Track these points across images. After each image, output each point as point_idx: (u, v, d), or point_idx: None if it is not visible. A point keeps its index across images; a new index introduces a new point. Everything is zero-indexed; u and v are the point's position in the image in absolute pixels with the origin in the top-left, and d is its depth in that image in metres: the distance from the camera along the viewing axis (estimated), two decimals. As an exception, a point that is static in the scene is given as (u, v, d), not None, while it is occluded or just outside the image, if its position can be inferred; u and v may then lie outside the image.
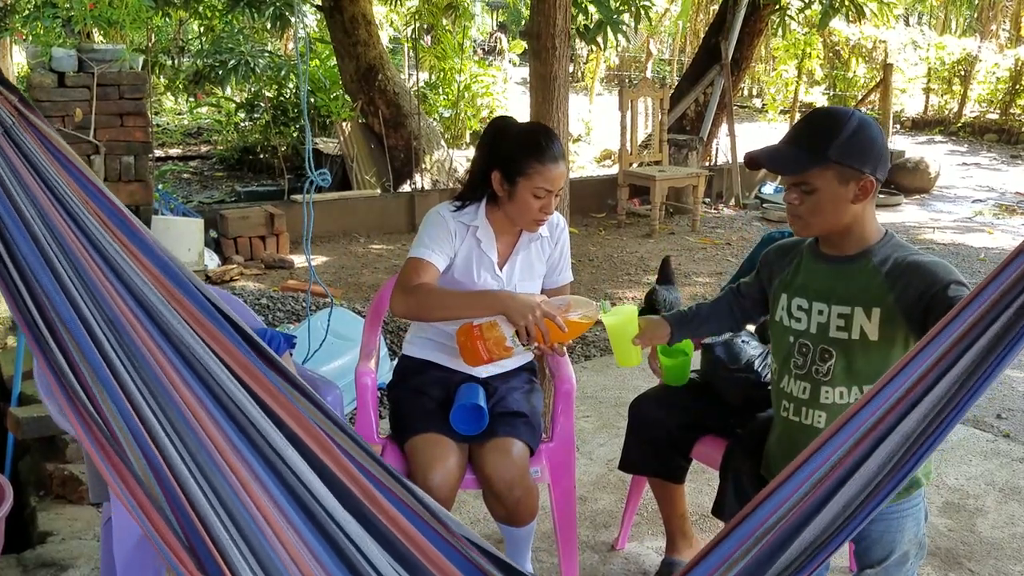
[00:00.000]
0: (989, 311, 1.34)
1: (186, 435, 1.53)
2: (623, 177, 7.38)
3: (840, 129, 1.74)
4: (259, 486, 1.56)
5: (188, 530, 1.46)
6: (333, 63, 8.45)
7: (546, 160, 2.22)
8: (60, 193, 1.57)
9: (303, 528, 1.58)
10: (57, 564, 2.53)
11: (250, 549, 1.50)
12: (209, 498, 1.50)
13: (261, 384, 1.63)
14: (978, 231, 7.46)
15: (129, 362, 1.54)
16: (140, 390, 1.52)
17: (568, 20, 3.00)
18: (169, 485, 1.47)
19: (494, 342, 2.11)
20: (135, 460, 1.47)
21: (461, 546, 1.63)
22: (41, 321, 1.49)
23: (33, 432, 2.89)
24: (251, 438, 1.59)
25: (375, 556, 1.60)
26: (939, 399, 1.36)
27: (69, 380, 1.49)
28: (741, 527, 1.44)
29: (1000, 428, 3.65)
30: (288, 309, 4.84)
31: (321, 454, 1.63)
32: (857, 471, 1.38)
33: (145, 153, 5.60)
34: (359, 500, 1.63)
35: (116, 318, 1.55)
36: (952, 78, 13.97)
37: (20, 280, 1.50)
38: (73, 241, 1.56)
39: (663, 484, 2.48)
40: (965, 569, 2.64)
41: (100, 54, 5.25)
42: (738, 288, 2.13)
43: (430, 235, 2.28)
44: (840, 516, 1.38)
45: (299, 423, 1.64)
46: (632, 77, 15.47)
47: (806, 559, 1.39)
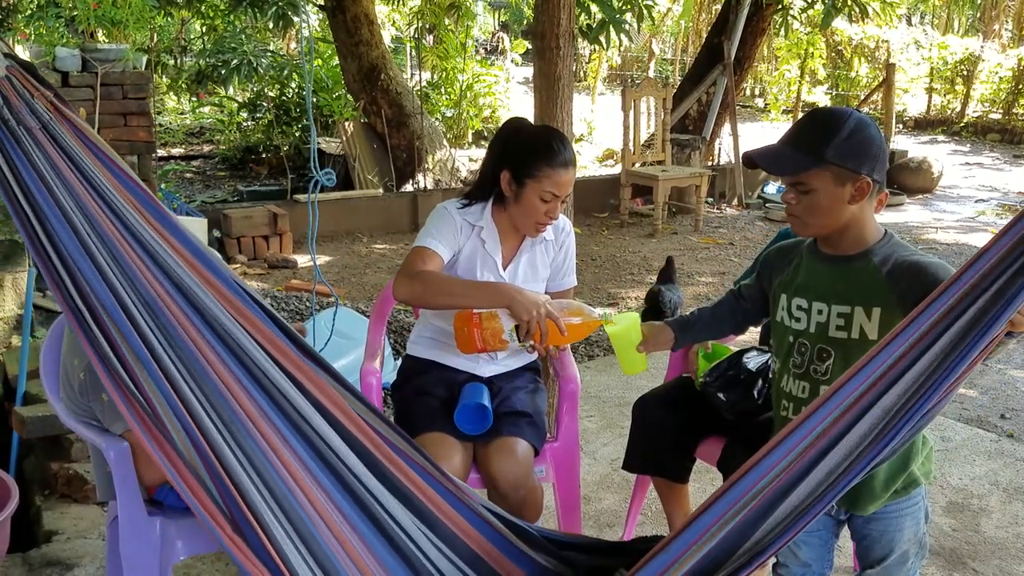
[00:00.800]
0: (968, 294, 1.43)
1: (221, 407, 1.64)
2: (626, 177, 7.38)
3: (837, 130, 1.74)
4: (289, 451, 1.69)
5: (225, 497, 1.58)
6: (335, 63, 8.45)
7: (556, 164, 2.21)
8: (96, 184, 1.65)
9: (330, 487, 1.71)
10: (62, 563, 2.53)
11: (281, 510, 1.62)
12: (243, 464, 1.62)
13: (288, 357, 1.74)
14: (981, 231, 7.45)
15: (166, 341, 1.64)
16: (177, 367, 1.63)
17: (572, 19, 3.00)
18: (206, 454, 1.59)
19: (491, 332, 2.10)
20: (176, 434, 1.59)
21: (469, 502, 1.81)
22: (84, 308, 1.59)
23: (38, 431, 2.89)
24: (282, 407, 1.71)
25: (396, 510, 1.75)
26: (918, 377, 1.46)
27: (112, 362, 1.59)
28: (732, 490, 1.55)
29: (1004, 428, 3.65)
30: (292, 309, 4.84)
31: (346, 421, 1.76)
32: (840, 442, 1.50)
33: (149, 153, 5.60)
34: (380, 461, 1.78)
35: (152, 299, 1.64)
36: (955, 78, 13.96)
37: (63, 269, 1.59)
38: (110, 228, 1.65)
39: (667, 484, 2.48)
40: (969, 569, 2.64)
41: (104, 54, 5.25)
42: (739, 290, 2.13)
43: (436, 227, 2.27)
44: (823, 483, 1.50)
45: (325, 393, 1.76)
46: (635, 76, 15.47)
47: (791, 521, 1.51)
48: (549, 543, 1.92)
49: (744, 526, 1.53)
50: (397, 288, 2.20)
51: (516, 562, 1.86)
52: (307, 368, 1.76)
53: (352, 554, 1.70)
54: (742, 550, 1.53)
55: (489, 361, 2.39)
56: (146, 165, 5.55)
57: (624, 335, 2.10)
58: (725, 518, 1.54)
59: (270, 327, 1.74)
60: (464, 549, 1.83)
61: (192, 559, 2.45)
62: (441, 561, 1.80)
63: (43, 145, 1.60)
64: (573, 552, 1.92)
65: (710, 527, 1.55)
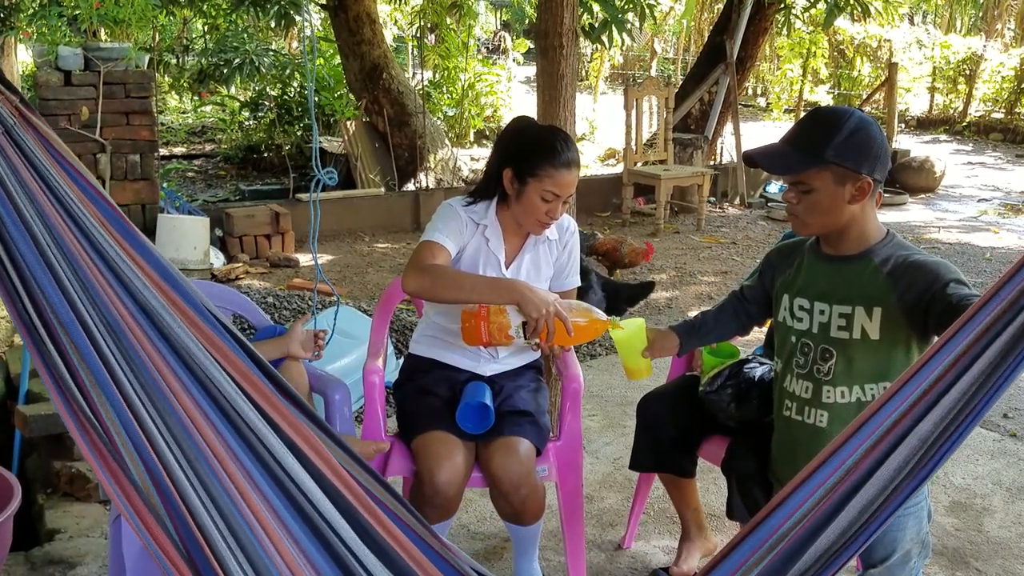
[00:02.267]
0: (1006, 311, 1.30)
1: (185, 442, 1.50)
2: (628, 176, 7.37)
3: (838, 129, 1.73)
4: (258, 495, 1.54)
5: (186, 539, 1.44)
6: (337, 62, 8.46)
7: (559, 164, 2.21)
8: (60, 194, 1.55)
9: (301, 537, 1.56)
10: (65, 561, 2.53)
11: (247, 559, 1.47)
12: (207, 507, 1.47)
13: (260, 391, 1.60)
14: (983, 231, 7.45)
15: (128, 366, 1.51)
16: (139, 395, 1.49)
17: (575, 19, 3.00)
18: (168, 493, 1.45)
19: (497, 327, 2.10)
20: (133, 466, 1.45)
21: (455, 561, 1.62)
22: (39, 322, 1.47)
23: (40, 430, 2.89)
24: (251, 445, 1.57)
25: (372, 565, 1.58)
26: (956, 401, 1.33)
27: (67, 383, 1.46)
28: (756, 532, 1.41)
29: (1007, 427, 3.64)
30: (294, 307, 4.84)
31: (322, 465, 1.61)
32: (873, 475, 1.35)
33: (151, 151, 5.61)
34: (357, 510, 1.61)
35: (115, 321, 1.52)
36: (957, 77, 13.94)
37: (19, 281, 1.47)
38: (72, 242, 1.54)
39: (674, 479, 2.48)
40: (972, 568, 2.64)
41: (106, 53, 5.25)
42: (742, 292, 2.13)
43: (442, 222, 2.28)
44: (856, 522, 1.35)
45: (298, 432, 1.61)
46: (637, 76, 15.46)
47: (822, 566, 1.36)
48: None
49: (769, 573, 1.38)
50: (407, 280, 2.20)
51: None
52: (282, 406, 1.61)
53: None
54: None
55: (490, 360, 2.39)
56: (148, 164, 5.56)
57: (630, 341, 2.10)
58: (748, 565, 1.40)
59: (243, 359, 1.60)
60: None
61: (194, 558, 2.46)
62: None
63: (5, 150, 1.50)
64: None
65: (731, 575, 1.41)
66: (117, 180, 5.43)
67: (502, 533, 2.74)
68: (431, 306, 2.43)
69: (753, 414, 2.21)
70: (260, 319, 2.69)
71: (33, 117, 1.55)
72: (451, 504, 2.18)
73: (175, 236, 5.49)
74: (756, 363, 2.31)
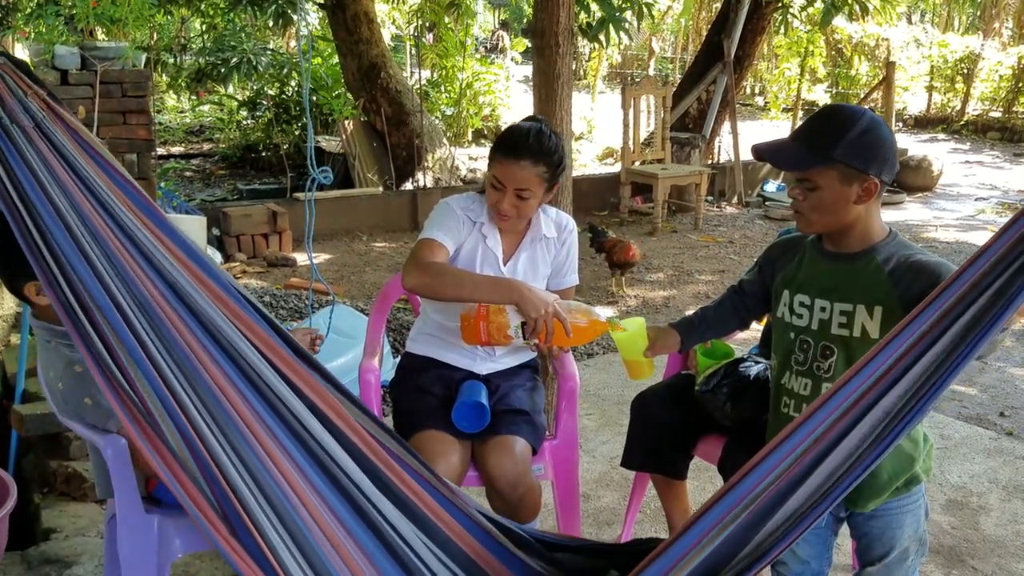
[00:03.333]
0: (968, 293, 1.42)
1: (215, 410, 1.63)
2: (626, 175, 7.38)
3: (848, 129, 1.73)
4: (284, 454, 1.68)
5: (220, 498, 1.57)
6: (335, 61, 8.45)
7: (506, 153, 2.19)
8: (90, 183, 1.64)
9: (325, 491, 1.70)
10: (61, 561, 2.53)
11: (276, 513, 1.61)
12: (238, 468, 1.61)
13: (284, 360, 1.73)
14: (981, 229, 7.45)
15: (161, 342, 1.62)
16: (172, 369, 1.62)
17: (572, 17, 2.99)
18: (202, 457, 1.58)
19: (496, 327, 2.10)
20: (169, 434, 1.58)
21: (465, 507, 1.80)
22: (78, 307, 1.57)
23: (37, 429, 2.89)
24: (276, 410, 1.70)
25: (392, 515, 1.74)
26: (918, 377, 1.45)
27: (106, 362, 1.57)
28: (731, 493, 1.54)
29: (1003, 426, 3.64)
30: (291, 307, 4.84)
31: (342, 425, 1.75)
32: (840, 443, 1.48)
33: (148, 151, 5.59)
34: (376, 465, 1.76)
35: (147, 301, 1.63)
36: (955, 76, 13.96)
37: (56, 268, 1.57)
38: (104, 229, 1.63)
39: (665, 480, 2.48)
40: (968, 567, 2.64)
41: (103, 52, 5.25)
42: (740, 286, 2.12)
43: (440, 220, 2.28)
44: (823, 485, 1.48)
45: (322, 397, 1.75)
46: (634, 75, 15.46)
47: (791, 524, 1.49)
48: (542, 546, 1.92)
49: (744, 529, 1.52)
50: (407, 277, 2.20)
51: (509, 566, 1.86)
52: (303, 371, 1.74)
53: (347, 558, 1.69)
54: (742, 554, 1.52)
55: (487, 359, 2.39)
56: (145, 163, 5.55)
57: (631, 341, 2.09)
58: (724, 521, 1.53)
59: (266, 330, 1.72)
60: (459, 553, 1.83)
61: (190, 556, 2.46)
62: (436, 565, 1.80)
63: (36, 144, 1.58)
64: (566, 554, 1.92)
65: (709, 531, 1.54)
66: (114, 179, 5.42)
67: (499, 532, 2.74)
68: (428, 304, 2.43)
69: (749, 413, 2.21)
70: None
71: (60, 109, 1.66)
72: (447, 503, 2.18)
73: (172, 235, 5.48)
74: (751, 362, 2.31)
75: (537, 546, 1.91)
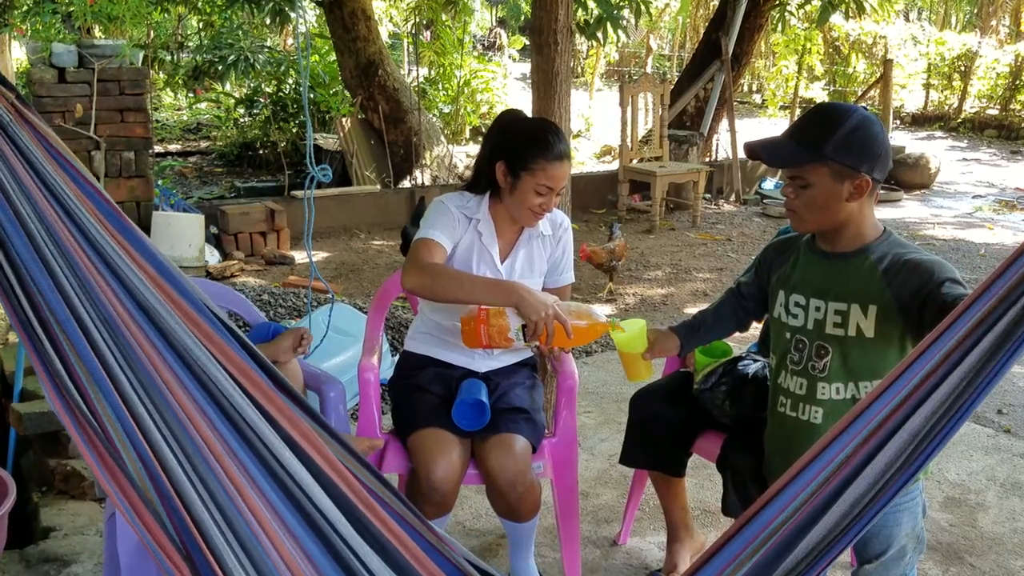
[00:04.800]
0: (995, 308, 1.31)
1: (182, 438, 1.50)
2: (623, 173, 7.38)
3: (839, 126, 1.73)
4: (255, 490, 1.53)
5: (184, 535, 1.43)
6: (332, 59, 8.44)
7: (551, 157, 2.22)
8: (57, 191, 1.54)
9: (299, 532, 1.55)
10: (60, 559, 2.53)
11: (246, 554, 1.47)
12: (206, 502, 1.46)
13: (257, 387, 1.59)
14: (978, 227, 7.46)
15: (125, 362, 1.50)
16: (136, 391, 1.49)
17: (570, 15, 2.99)
18: (164, 489, 1.44)
19: (497, 330, 2.10)
20: (130, 462, 1.44)
21: (451, 554, 1.62)
22: (36, 320, 1.46)
23: (35, 428, 2.89)
24: (249, 441, 1.56)
25: (370, 560, 1.58)
26: (946, 397, 1.33)
27: (63, 380, 1.45)
28: (748, 528, 1.43)
29: (1001, 423, 3.65)
30: (289, 305, 4.84)
31: (319, 460, 1.60)
32: (864, 470, 1.36)
33: (145, 149, 5.59)
34: (355, 505, 1.61)
35: (112, 318, 1.51)
36: (952, 74, 13.96)
37: (15, 279, 1.47)
38: (69, 239, 1.53)
39: (664, 478, 2.48)
40: (966, 564, 2.65)
41: (100, 50, 5.24)
42: (738, 288, 2.13)
43: (436, 219, 2.28)
44: (847, 516, 1.37)
45: (298, 429, 1.61)
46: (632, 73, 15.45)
47: (813, 559, 1.37)
48: None
49: (760, 567, 1.40)
50: (406, 279, 2.20)
51: None
52: (280, 401, 1.61)
53: None
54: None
55: (486, 357, 2.39)
56: (143, 161, 5.55)
57: (631, 342, 2.08)
58: (740, 559, 1.41)
59: (240, 354, 1.60)
60: None
61: (190, 555, 2.46)
62: None
63: (0, 147, 1.49)
64: None
65: (723, 570, 1.43)
66: (112, 177, 5.42)
67: (498, 530, 2.75)
68: (426, 304, 2.43)
69: (747, 411, 2.21)
70: (254, 316, 2.69)
71: (29, 113, 1.55)
72: (447, 501, 2.18)
73: (170, 234, 5.48)
74: (750, 360, 2.31)
75: None
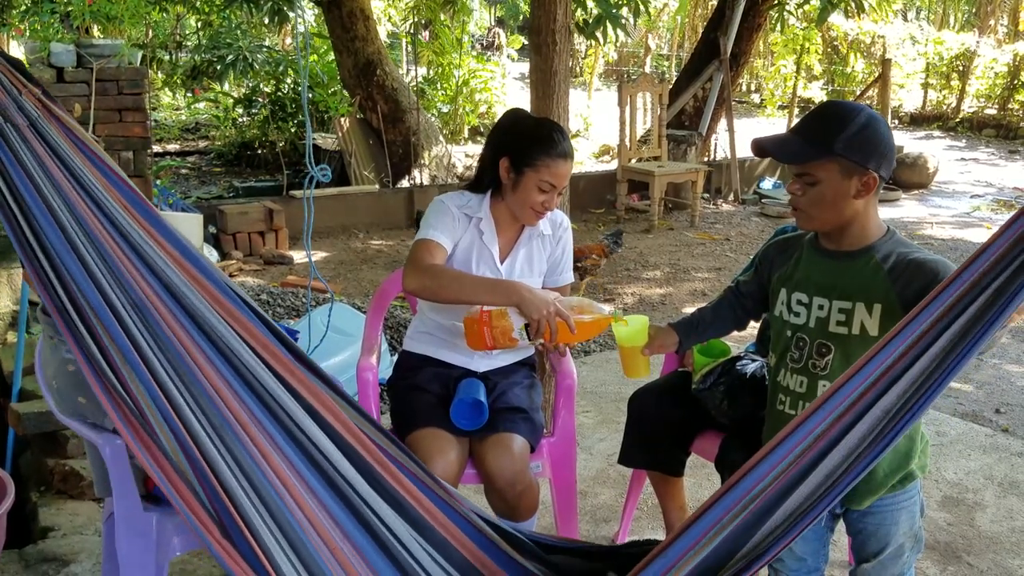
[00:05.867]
0: (968, 292, 1.41)
1: (210, 411, 1.61)
2: (622, 172, 7.38)
3: (848, 123, 1.74)
4: (280, 456, 1.65)
5: (213, 499, 1.54)
6: (331, 58, 8.44)
7: (555, 154, 2.23)
8: (85, 182, 1.62)
9: (321, 492, 1.67)
10: (59, 559, 2.53)
11: (271, 515, 1.59)
12: (234, 471, 1.58)
13: (280, 361, 1.71)
14: (976, 226, 7.47)
15: (155, 343, 1.60)
16: (166, 369, 1.60)
17: (568, 15, 2.99)
18: (195, 458, 1.55)
19: (500, 331, 2.10)
20: (163, 435, 1.56)
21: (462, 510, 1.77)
22: (71, 306, 1.55)
23: (34, 427, 2.89)
24: (272, 411, 1.68)
25: (386, 515, 1.71)
26: (917, 376, 1.44)
27: (99, 362, 1.55)
28: (730, 493, 1.53)
29: (999, 423, 3.66)
30: (288, 304, 4.84)
31: (338, 426, 1.73)
32: (839, 443, 1.47)
33: (144, 148, 5.58)
34: (372, 466, 1.73)
35: (141, 301, 1.61)
36: (950, 73, 13.97)
37: (49, 268, 1.56)
38: (98, 228, 1.61)
39: (662, 477, 2.48)
40: (964, 563, 2.65)
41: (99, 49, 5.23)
42: (737, 287, 2.13)
43: (436, 219, 2.28)
44: (822, 485, 1.47)
45: (317, 398, 1.73)
46: (631, 72, 15.45)
47: (790, 524, 1.49)
48: (539, 548, 1.91)
49: (742, 530, 1.51)
50: (407, 280, 2.20)
51: (505, 568, 1.85)
52: (300, 372, 1.73)
53: (342, 560, 1.68)
54: (740, 554, 1.52)
55: (484, 356, 2.39)
56: (141, 161, 5.54)
57: (632, 337, 2.08)
58: (723, 522, 1.52)
59: (262, 330, 1.71)
60: (456, 556, 1.82)
61: (188, 555, 2.46)
62: (432, 567, 1.78)
63: (31, 142, 1.57)
64: (563, 556, 1.90)
65: (707, 531, 1.53)
66: (110, 177, 5.42)
67: (496, 529, 2.75)
68: (426, 304, 2.43)
69: (745, 410, 2.22)
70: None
71: (55, 107, 1.66)
72: (445, 501, 2.19)
73: (168, 233, 5.47)
74: (748, 360, 2.31)
75: (534, 548, 1.90)
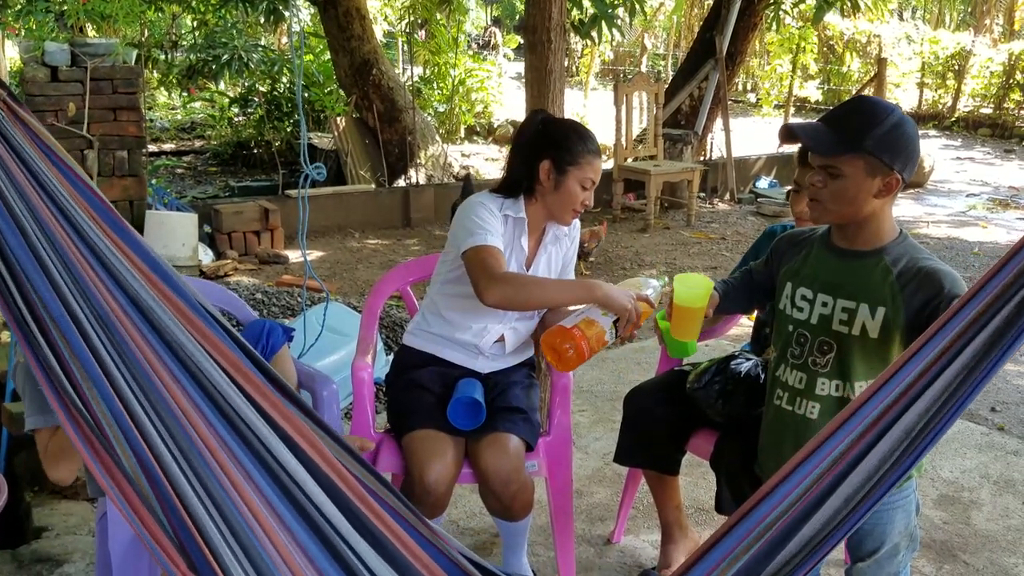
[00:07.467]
0: (990, 307, 1.33)
1: (177, 433, 1.50)
2: (618, 172, 7.38)
3: (880, 121, 1.74)
4: (251, 485, 1.54)
5: (179, 529, 1.44)
6: (327, 57, 8.43)
7: (595, 151, 2.30)
8: (50, 189, 1.55)
9: (295, 526, 1.56)
10: (52, 559, 2.52)
11: (242, 548, 1.48)
12: (201, 497, 1.47)
13: (252, 383, 1.60)
14: (972, 225, 7.48)
15: (119, 359, 1.51)
16: (131, 387, 1.49)
17: (564, 14, 2.99)
18: (160, 483, 1.45)
19: (596, 339, 2.07)
20: (124, 458, 1.45)
21: (447, 549, 1.63)
22: (30, 317, 1.47)
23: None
24: (244, 436, 1.57)
25: (366, 554, 1.59)
26: (939, 394, 1.36)
27: (58, 377, 1.46)
28: (742, 524, 1.44)
29: (994, 421, 3.66)
30: (283, 304, 4.83)
31: (315, 456, 1.61)
32: (857, 466, 1.38)
33: (139, 148, 5.58)
34: (351, 500, 1.61)
35: (106, 314, 1.52)
36: (946, 72, 13.99)
37: (9, 276, 1.47)
38: (63, 237, 1.53)
39: (658, 476, 2.48)
40: (960, 561, 2.65)
41: (93, 48, 5.22)
42: (750, 271, 2.13)
43: (488, 223, 2.22)
44: (841, 511, 1.38)
45: (291, 423, 1.61)
46: (627, 71, 15.45)
47: (806, 555, 1.39)
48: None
49: (754, 562, 1.41)
50: (488, 294, 2.13)
51: None
52: (273, 396, 1.62)
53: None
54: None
55: (488, 358, 2.38)
56: (136, 160, 5.53)
57: (696, 299, 1.94)
58: (735, 553, 1.43)
59: (234, 351, 1.60)
60: None
61: (183, 555, 2.45)
62: None
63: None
64: None
65: (719, 564, 1.44)
66: (105, 176, 5.40)
67: (492, 529, 2.74)
68: (430, 305, 2.41)
69: (740, 409, 2.22)
70: (246, 314, 2.68)
71: (21, 111, 1.55)
72: (441, 502, 2.18)
73: (163, 233, 5.46)
74: (743, 359, 2.31)
75: None
